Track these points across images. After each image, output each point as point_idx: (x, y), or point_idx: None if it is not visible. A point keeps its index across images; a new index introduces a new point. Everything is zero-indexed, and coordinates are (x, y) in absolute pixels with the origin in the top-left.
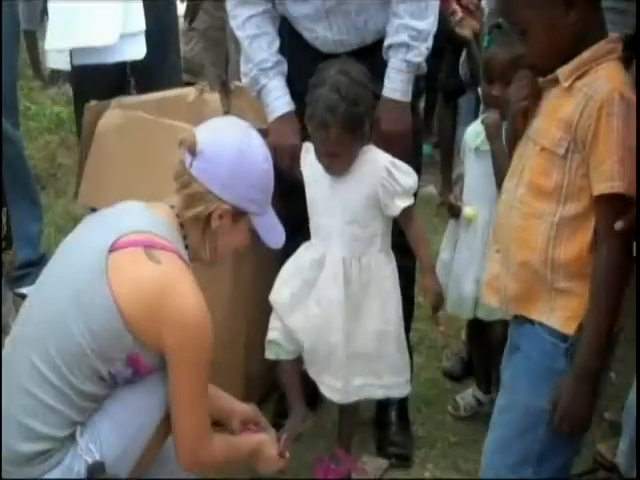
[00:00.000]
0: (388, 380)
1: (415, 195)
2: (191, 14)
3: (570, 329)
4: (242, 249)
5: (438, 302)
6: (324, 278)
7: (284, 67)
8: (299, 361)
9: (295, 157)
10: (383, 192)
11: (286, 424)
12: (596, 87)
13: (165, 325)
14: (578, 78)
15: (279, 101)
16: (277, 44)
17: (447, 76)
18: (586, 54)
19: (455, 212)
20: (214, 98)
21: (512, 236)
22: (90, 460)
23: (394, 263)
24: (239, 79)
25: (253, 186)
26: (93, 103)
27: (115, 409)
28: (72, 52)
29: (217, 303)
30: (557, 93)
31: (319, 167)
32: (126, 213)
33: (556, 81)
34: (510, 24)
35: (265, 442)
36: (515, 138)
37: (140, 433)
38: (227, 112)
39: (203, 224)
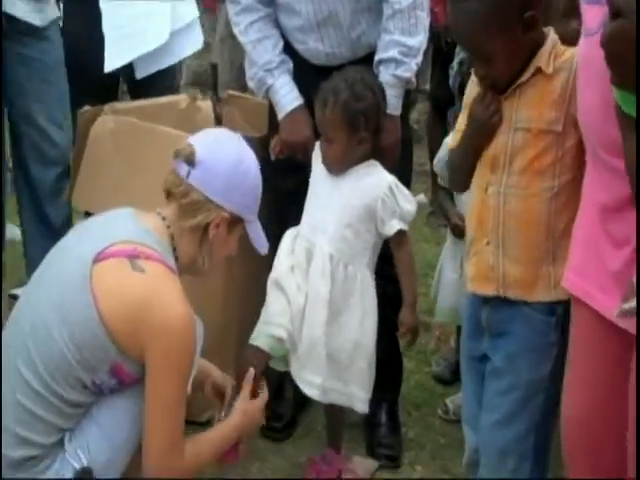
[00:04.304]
0: (353, 390)
1: None
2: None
3: None
4: (231, 256)
5: (412, 338)
6: (313, 271)
7: (289, 65)
8: (267, 357)
9: (308, 150)
10: (382, 208)
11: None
12: (575, 62)
13: (148, 334)
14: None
15: (287, 97)
16: (281, 45)
17: (436, 87)
18: (547, 45)
19: (461, 234)
20: (206, 105)
21: (512, 221)
22: (78, 466)
23: (374, 284)
24: (227, 87)
25: (249, 193)
26: (86, 108)
27: (103, 415)
28: (135, 66)
29: (210, 307)
30: (539, 83)
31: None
32: (114, 222)
33: (533, 74)
34: (473, 54)
35: (242, 414)
36: (480, 149)
37: (128, 439)
38: (219, 119)
39: (200, 234)
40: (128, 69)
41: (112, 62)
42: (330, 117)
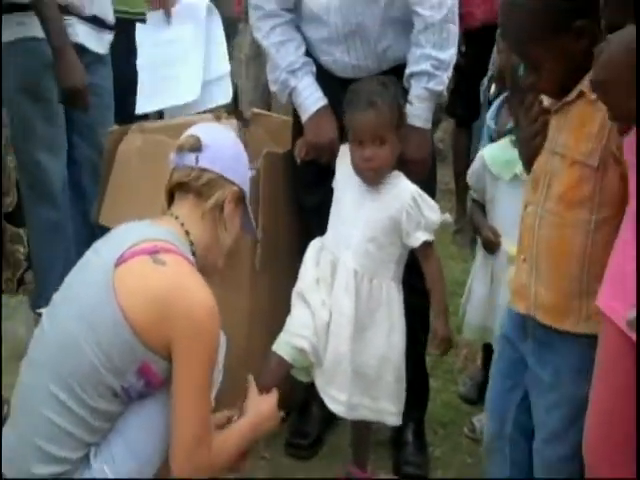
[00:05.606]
0: (382, 405)
1: None
2: None
3: None
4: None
5: (446, 348)
6: (337, 288)
7: (312, 67)
8: (289, 367)
9: (333, 152)
10: (407, 219)
11: None
12: None
13: (172, 323)
14: None
15: (310, 99)
16: (304, 48)
17: (460, 102)
18: None
19: (493, 248)
20: (231, 124)
21: (544, 246)
22: None
23: (402, 296)
24: (252, 106)
25: (246, 166)
26: (114, 127)
27: (129, 429)
28: (164, 110)
29: (235, 323)
30: (581, 106)
31: (351, 177)
32: (132, 229)
33: (578, 96)
34: (523, 60)
35: (255, 409)
36: (532, 159)
37: (154, 453)
38: (244, 137)
39: (216, 215)
40: None
41: (143, 106)
42: (382, 117)
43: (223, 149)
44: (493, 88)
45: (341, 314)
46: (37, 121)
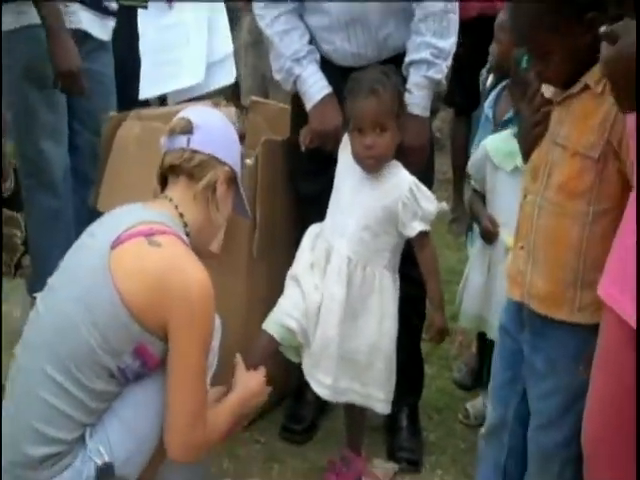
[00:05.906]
0: (371, 391)
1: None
2: None
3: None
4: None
5: (441, 338)
6: (330, 274)
7: (317, 55)
8: (277, 345)
9: (338, 139)
10: (403, 210)
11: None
12: None
13: (169, 303)
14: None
15: (315, 87)
16: (307, 37)
17: (459, 91)
18: None
19: (491, 238)
20: (229, 111)
21: (542, 235)
22: (99, 462)
23: (397, 285)
24: (249, 94)
25: (238, 148)
26: (112, 114)
27: (124, 410)
28: (167, 94)
29: (233, 309)
30: (585, 99)
31: (352, 166)
32: (127, 213)
33: (582, 89)
34: (530, 50)
35: (246, 391)
36: (531, 148)
37: (150, 433)
38: (242, 125)
39: (209, 196)
40: None
41: (146, 91)
42: (383, 105)
43: (214, 130)
44: (491, 78)
45: (332, 299)
46: (39, 108)
